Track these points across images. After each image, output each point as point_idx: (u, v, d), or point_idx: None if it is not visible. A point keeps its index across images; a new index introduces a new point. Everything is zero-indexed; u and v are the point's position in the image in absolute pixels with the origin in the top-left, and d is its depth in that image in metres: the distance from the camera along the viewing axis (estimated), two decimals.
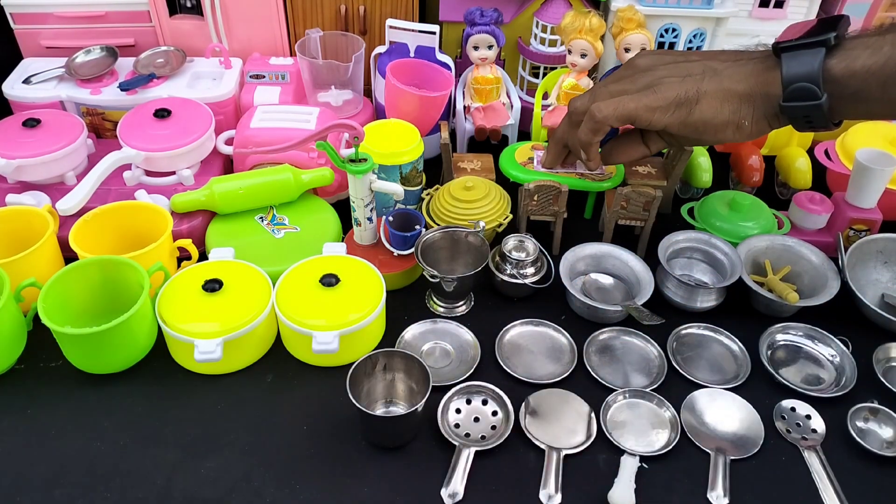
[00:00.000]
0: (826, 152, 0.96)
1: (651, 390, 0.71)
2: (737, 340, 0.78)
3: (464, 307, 0.81)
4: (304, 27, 1.03)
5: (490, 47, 0.97)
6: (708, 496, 0.63)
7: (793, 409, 0.71)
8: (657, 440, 0.68)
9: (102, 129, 0.96)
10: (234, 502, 0.62)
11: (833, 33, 0.61)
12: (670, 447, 0.67)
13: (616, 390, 0.71)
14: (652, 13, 1.00)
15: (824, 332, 0.78)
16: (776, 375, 0.73)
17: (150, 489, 0.63)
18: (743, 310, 0.82)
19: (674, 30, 1.03)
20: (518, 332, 0.79)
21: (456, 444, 0.66)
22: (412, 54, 1.00)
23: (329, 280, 0.73)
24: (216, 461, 0.65)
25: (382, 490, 0.63)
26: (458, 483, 0.63)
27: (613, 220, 0.86)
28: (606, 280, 0.84)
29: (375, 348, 0.75)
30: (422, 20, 1.05)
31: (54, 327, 0.66)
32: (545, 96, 1.00)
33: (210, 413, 0.69)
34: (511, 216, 0.86)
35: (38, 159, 0.82)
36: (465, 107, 1.03)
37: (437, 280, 0.77)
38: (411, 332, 0.78)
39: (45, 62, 0.97)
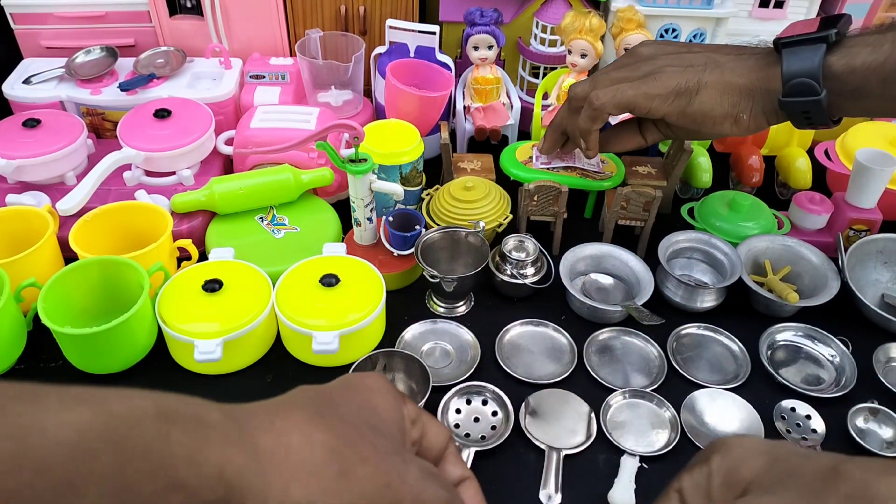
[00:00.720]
0: (826, 152, 0.96)
1: (651, 390, 0.71)
2: (737, 340, 0.77)
3: (464, 307, 0.81)
4: (304, 27, 1.03)
5: (490, 47, 0.97)
6: None
7: (793, 409, 0.71)
8: (657, 440, 0.68)
9: (102, 129, 0.96)
10: None
11: (834, 30, 0.61)
12: (670, 447, 0.66)
13: (616, 390, 0.71)
14: (652, 13, 1.00)
15: (824, 332, 0.78)
16: (776, 375, 0.73)
17: None
18: (743, 310, 0.82)
19: (674, 30, 1.03)
20: (518, 332, 0.78)
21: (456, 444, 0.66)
22: (412, 54, 1.00)
23: (329, 280, 0.73)
24: None
25: None
26: None
27: (613, 220, 0.86)
28: (606, 280, 0.84)
29: (375, 348, 0.75)
30: (422, 20, 1.05)
31: (54, 327, 0.66)
32: (545, 96, 1.00)
33: None
34: (511, 216, 0.86)
35: (38, 159, 0.82)
36: (465, 107, 1.03)
37: (437, 280, 0.77)
38: (411, 332, 0.78)
39: (45, 62, 0.97)
